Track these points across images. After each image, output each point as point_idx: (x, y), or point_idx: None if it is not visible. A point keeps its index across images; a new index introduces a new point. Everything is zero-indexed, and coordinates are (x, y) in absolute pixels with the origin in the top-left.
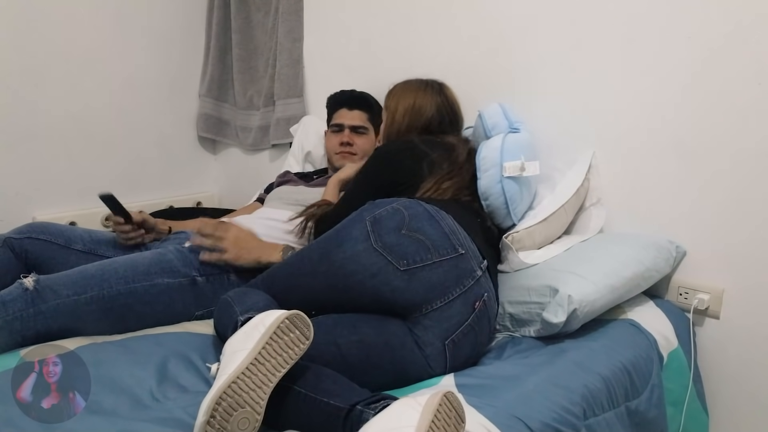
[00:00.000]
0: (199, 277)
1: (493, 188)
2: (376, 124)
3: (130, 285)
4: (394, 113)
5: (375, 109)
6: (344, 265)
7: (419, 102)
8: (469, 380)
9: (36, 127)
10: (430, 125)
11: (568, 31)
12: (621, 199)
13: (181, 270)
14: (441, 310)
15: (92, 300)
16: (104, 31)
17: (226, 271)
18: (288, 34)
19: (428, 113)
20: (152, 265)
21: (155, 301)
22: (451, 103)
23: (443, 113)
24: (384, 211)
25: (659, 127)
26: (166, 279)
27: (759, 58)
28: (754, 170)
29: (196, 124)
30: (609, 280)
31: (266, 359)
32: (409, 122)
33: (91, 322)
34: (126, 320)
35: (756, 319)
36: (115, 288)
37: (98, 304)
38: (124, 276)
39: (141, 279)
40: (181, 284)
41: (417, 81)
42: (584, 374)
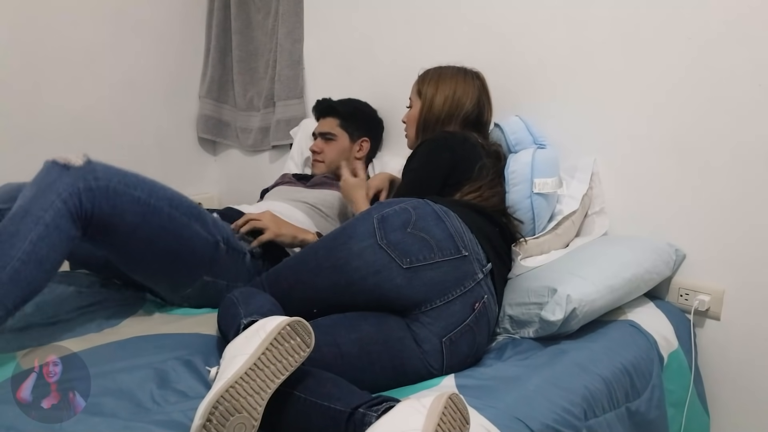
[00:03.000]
0: (222, 244)
1: (522, 203)
2: (350, 129)
3: (172, 211)
4: (432, 100)
5: (344, 114)
6: (349, 261)
7: (460, 90)
8: (469, 381)
9: (36, 128)
10: (469, 117)
11: (568, 35)
12: (621, 202)
13: (211, 229)
14: (440, 308)
15: (136, 201)
16: (104, 32)
17: (244, 252)
18: (288, 36)
19: (469, 104)
20: (193, 207)
21: (185, 243)
22: (488, 95)
23: (482, 104)
24: (392, 210)
25: (658, 131)
26: (199, 227)
27: (758, 60)
28: (752, 172)
29: (196, 125)
30: (609, 281)
31: (265, 365)
32: (449, 111)
33: (128, 225)
34: (155, 244)
35: (757, 320)
36: (160, 203)
37: (141, 207)
38: (171, 200)
39: (181, 212)
40: (207, 240)
41: (454, 68)
42: (585, 375)
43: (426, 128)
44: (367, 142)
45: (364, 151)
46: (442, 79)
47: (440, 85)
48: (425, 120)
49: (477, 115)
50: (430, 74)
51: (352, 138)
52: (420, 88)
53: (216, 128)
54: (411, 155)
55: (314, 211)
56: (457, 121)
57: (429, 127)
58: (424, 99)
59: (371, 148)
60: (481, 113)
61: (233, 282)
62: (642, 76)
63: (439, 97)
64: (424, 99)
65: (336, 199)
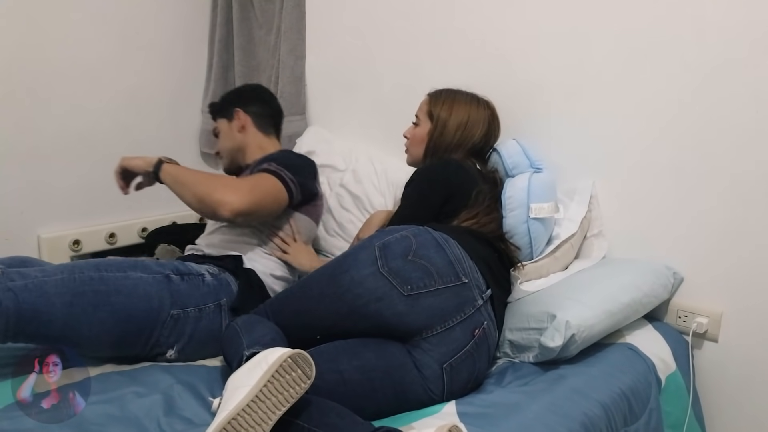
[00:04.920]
0: (173, 275)
1: (519, 228)
2: (222, 114)
3: (102, 273)
4: (445, 125)
5: (216, 107)
6: (351, 289)
7: (473, 118)
8: (470, 408)
9: (41, 146)
10: (476, 146)
11: (568, 57)
12: (620, 225)
13: (154, 268)
14: (441, 335)
15: (62, 283)
16: (108, 49)
17: (201, 274)
18: (290, 52)
19: (479, 134)
20: (124, 261)
21: (131, 293)
22: (498, 124)
23: (490, 135)
24: (393, 238)
25: (657, 155)
26: (140, 273)
27: (755, 85)
28: (750, 195)
29: (199, 139)
30: (607, 305)
31: (267, 397)
32: (460, 139)
33: (61, 306)
34: (100, 311)
35: (754, 342)
36: (86, 273)
37: (69, 287)
38: (96, 265)
39: (113, 270)
40: (156, 279)
41: (468, 94)
42: (583, 401)
43: (435, 152)
44: (240, 110)
45: (242, 121)
46: (456, 104)
47: (454, 110)
48: (435, 144)
49: (483, 144)
50: (443, 96)
51: (228, 118)
52: (432, 109)
53: None
54: (409, 180)
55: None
56: (465, 149)
57: (438, 151)
58: (437, 121)
59: (254, 113)
60: (488, 143)
61: (203, 305)
62: (642, 100)
63: (453, 122)
64: (436, 121)
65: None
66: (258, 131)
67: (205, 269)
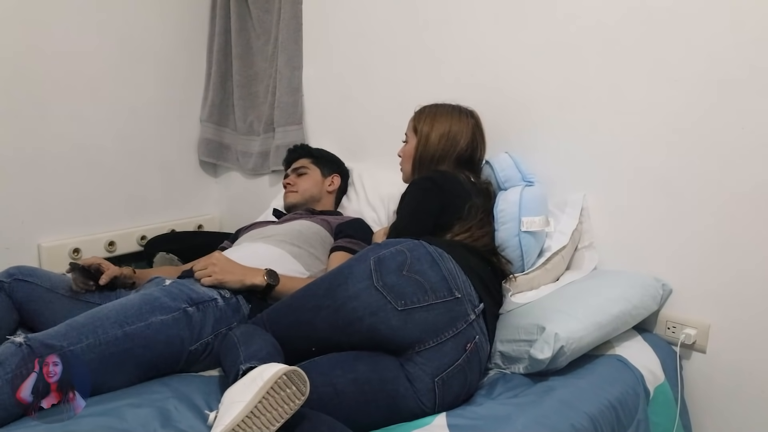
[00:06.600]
0: (189, 308)
1: (510, 241)
2: (320, 165)
3: (125, 328)
4: (428, 138)
5: (315, 152)
6: (346, 302)
7: (455, 128)
8: (460, 421)
9: (41, 157)
10: (463, 155)
11: (559, 72)
12: (610, 237)
13: (171, 305)
14: (433, 349)
15: (89, 348)
16: (107, 60)
17: (213, 298)
18: (288, 63)
19: (463, 142)
20: (143, 305)
21: (154, 341)
22: (482, 133)
23: (476, 143)
24: (388, 252)
25: (647, 169)
26: (159, 316)
27: (743, 103)
28: (738, 209)
29: (198, 148)
30: (596, 317)
31: (262, 413)
32: (444, 149)
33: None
34: (126, 366)
35: (741, 354)
36: (111, 333)
37: (96, 352)
38: (117, 320)
39: (135, 320)
40: (175, 318)
41: (449, 106)
42: (571, 413)
43: (422, 165)
44: (338, 177)
45: (335, 186)
46: (438, 117)
47: (435, 123)
48: (421, 157)
49: (470, 153)
50: (426, 111)
51: (324, 173)
52: (416, 124)
53: (217, 151)
54: (403, 195)
55: (288, 244)
56: (450, 159)
57: (424, 164)
58: (420, 136)
59: (341, 186)
60: (475, 151)
61: (217, 331)
62: (632, 115)
63: (434, 134)
64: (420, 136)
65: (304, 227)
66: (332, 197)
67: (217, 293)
